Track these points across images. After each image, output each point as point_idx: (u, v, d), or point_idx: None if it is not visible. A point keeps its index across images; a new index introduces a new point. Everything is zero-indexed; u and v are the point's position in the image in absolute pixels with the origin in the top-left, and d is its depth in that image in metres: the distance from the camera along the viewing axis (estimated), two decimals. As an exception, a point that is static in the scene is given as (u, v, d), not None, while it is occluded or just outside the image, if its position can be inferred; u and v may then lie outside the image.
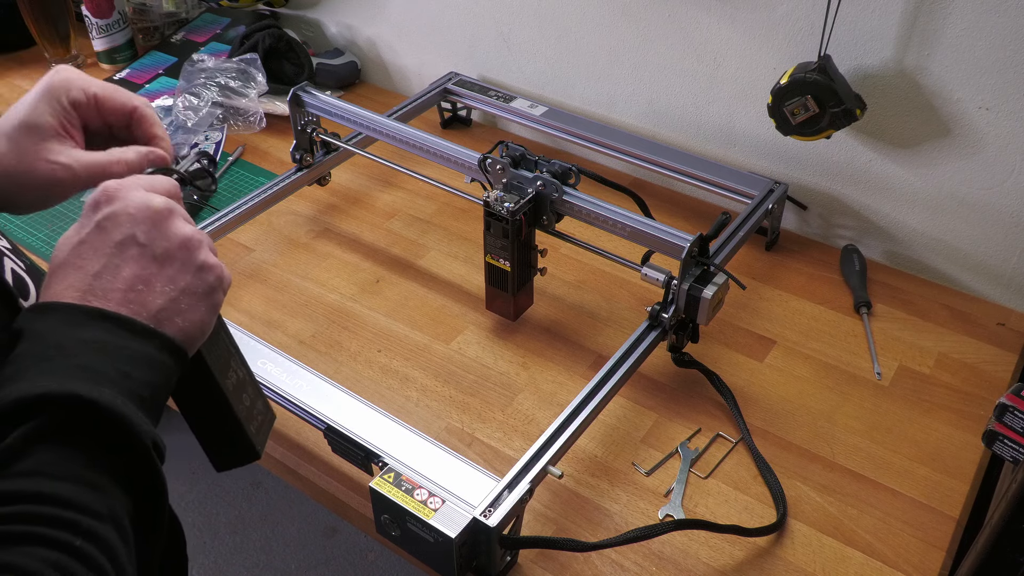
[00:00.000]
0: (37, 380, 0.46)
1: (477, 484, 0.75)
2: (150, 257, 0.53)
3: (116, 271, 0.51)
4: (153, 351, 0.51)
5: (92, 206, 0.53)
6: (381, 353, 1.01)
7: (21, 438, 0.45)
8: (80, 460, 0.46)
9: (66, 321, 0.49)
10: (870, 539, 0.81)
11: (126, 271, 0.52)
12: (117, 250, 0.52)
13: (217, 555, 1.80)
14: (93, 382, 0.47)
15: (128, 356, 0.49)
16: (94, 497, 0.45)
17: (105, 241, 0.52)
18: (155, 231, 0.53)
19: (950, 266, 1.12)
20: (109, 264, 0.51)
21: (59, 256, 0.52)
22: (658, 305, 0.93)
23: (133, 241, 0.52)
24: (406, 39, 1.48)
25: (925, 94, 1.03)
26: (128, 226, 0.52)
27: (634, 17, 1.21)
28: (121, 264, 0.52)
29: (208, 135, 1.38)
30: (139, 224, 0.53)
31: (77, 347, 0.48)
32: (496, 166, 0.97)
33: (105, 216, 0.52)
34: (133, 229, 0.52)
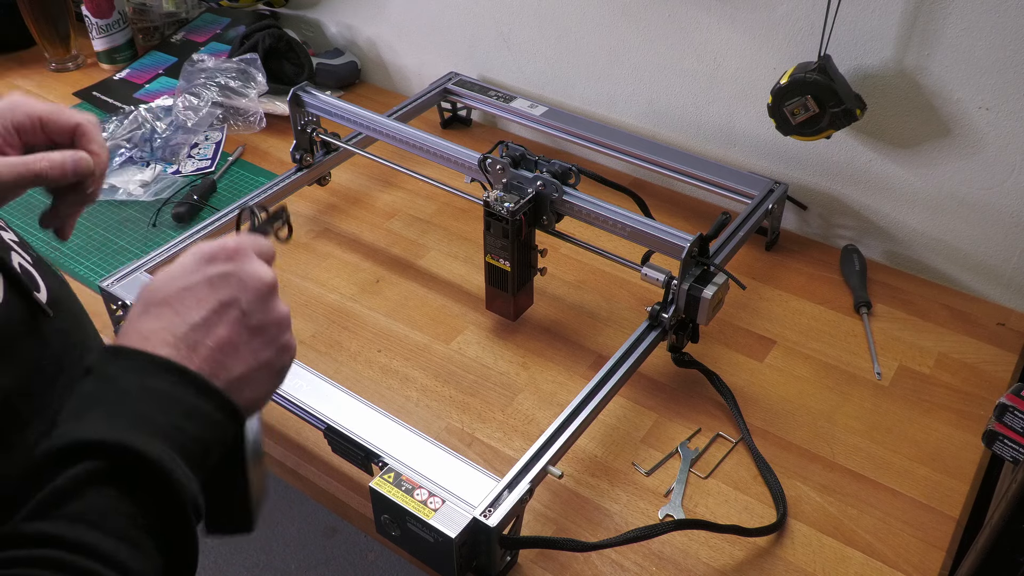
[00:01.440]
0: (96, 425, 0.46)
1: (477, 484, 0.75)
2: (245, 326, 0.54)
3: (211, 329, 0.52)
4: (216, 413, 0.51)
5: (207, 259, 0.54)
6: (381, 353, 1.01)
7: (72, 480, 0.44)
8: (126, 513, 0.45)
9: (139, 369, 0.49)
10: (870, 539, 0.81)
11: (221, 331, 0.52)
12: (219, 309, 0.53)
13: (217, 555, 1.80)
14: (149, 434, 0.47)
15: (189, 413, 0.49)
16: (131, 555, 0.44)
17: (210, 297, 0.53)
18: (258, 303, 0.54)
19: (950, 266, 1.12)
20: (208, 320, 0.52)
21: (160, 292, 0.52)
22: (658, 305, 0.93)
23: (236, 305, 0.53)
24: (406, 39, 1.48)
25: (925, 94, 1.03)
26: (236, 291, 0.54)
27: (634, 17, 1.21)
28: (218, 324, 0.52)
29: (208, 135, 1.38)
30: (247, 292, 0.54)
31: (142, 395, 0.48)
32: (496, 166, 0.97)
33: (219, 274, 0.53)
34: (240, 295, 0.54)
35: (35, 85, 1.54)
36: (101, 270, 1.12)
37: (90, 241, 1.18)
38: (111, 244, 1.17)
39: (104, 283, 0.98)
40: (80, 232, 1.19)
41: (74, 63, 1.60)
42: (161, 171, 1.30)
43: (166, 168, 1.31)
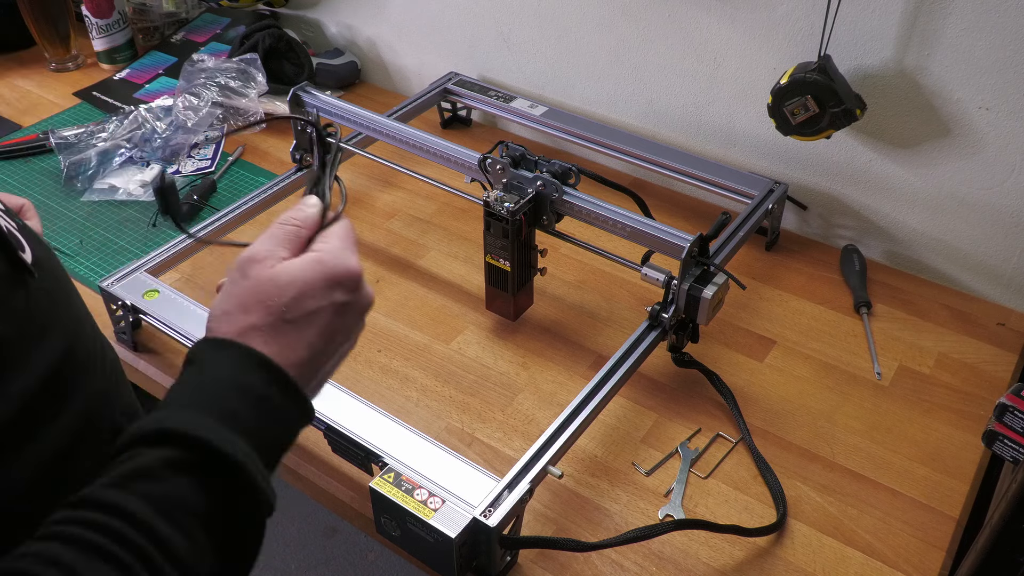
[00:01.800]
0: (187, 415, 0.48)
1: (477, 484, 0.75)
2: (350, 342, 0.58)
3: (329, 358, 0.56)
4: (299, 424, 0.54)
5: (334, 282, 0.55)
6: (381, 353, 1.01)
7: (158, 461, 0.46)
8: (194, 505, 0.46)
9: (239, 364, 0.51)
10: (870, 539, 0.81)
11: (334, 362, 0.57)
12: (338, 339, 0.56)
13: (217, 555, 1.80)
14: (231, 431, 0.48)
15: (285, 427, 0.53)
16: (184, 544, 0.45)
17: (331, 326, 0.55)
18: (359, 324, 0.59)
19: (950, 266, 1.12)
20: (327, 352, 0.55)
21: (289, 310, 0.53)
22: (658, 305, 0.93)
23: (348, 334, 0.57)
24: (406, 39, 1.48)
25: (925, 94, 1.03)
26: (352, 322, 0.57)
27: (634, 17, 1.21)
28: (334, 354, 0.57)
29: (208, 135, 1.38)
30: (360, 320, 0.58)
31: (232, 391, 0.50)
32: (496, 166, 0.97)
33: (344, 303, 0.55)
34: (354, 326, 0.58)
35: (35, 85, 1.54)
36: (101, 270, 1.12)
37: (90, 241, 1.18)
38: (111, 244, 1.17)
39: (104, 283, 0.98)
40: (80, 232, 1.19)
41: (74, 63, 1.60)
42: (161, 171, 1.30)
43: (166, 168, 1.31)
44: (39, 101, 1.50)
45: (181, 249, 1.05)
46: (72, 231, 1.19)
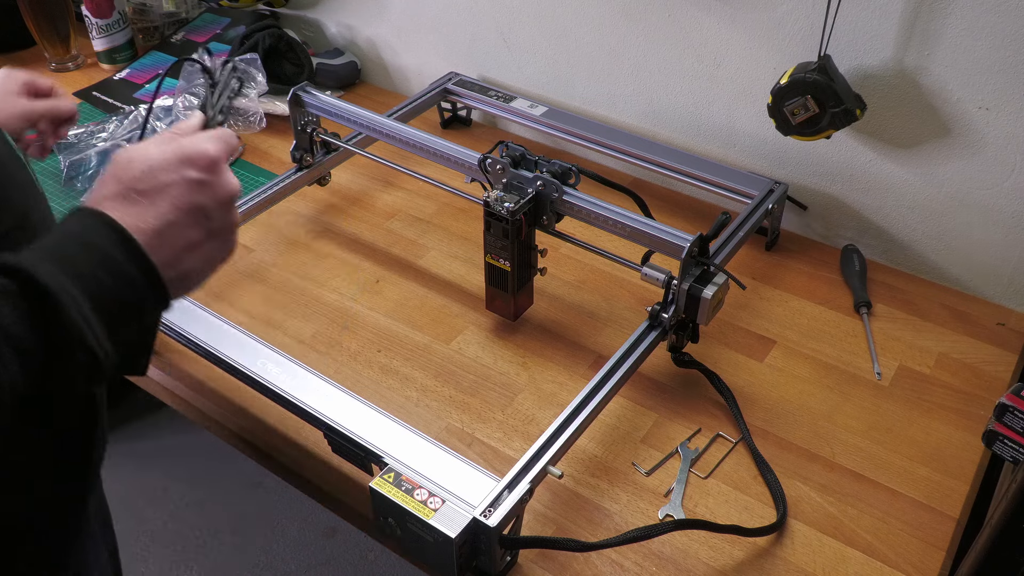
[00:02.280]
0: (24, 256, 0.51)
1: (477, 484, 0.75)
2: (208, 230, 0.60)
3: (182, 230, 0.58)
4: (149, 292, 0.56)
5: (187, 160, 0.59)
6: (381, 353, 1.01)
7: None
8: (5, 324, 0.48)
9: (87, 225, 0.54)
10: (870, 539, 0.81)
11: (190, 234, 0.58)
12: (192, 213, 0.58)
13: (217, 555, 1.80)
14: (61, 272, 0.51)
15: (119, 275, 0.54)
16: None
17: (185, 200, 0.58)
18: (223, 211, 0.61)
19: (950, 266, 1.12)
20: (180, 222, 0.58)
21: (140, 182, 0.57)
22: (658, 305, 0.93)
23: (205, 212, 0.59)
24: (406, 39, 1.48)
25: (925, 94, 1.03)
26: (209, 199, 0.59)
27: (634, 17, 1.21)
28: (189, 227, 0.58)
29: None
30: (217, 201, 0.60)
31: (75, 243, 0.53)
32: (496, 166, 0.97)
33: (197, 180, 0.59)
34: (211, 204, 0.60)
35: (35, 85, 1.54)
36: (101, 270, 1.12)
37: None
38: (111, 244, 1.17)
39: (104, 283, 0.98)
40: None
41: (74, 63, 1.60)
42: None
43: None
44: (39, 101, 1.50)
45: (181, 249, 1.05)
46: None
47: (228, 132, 0.64)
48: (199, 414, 0.96)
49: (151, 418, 2.07)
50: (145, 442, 2.03)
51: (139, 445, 2.02)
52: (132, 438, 2.03)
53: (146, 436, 2.04)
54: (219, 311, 0.96)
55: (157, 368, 0.99)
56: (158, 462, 1.98)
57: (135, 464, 1.97)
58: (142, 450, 2.01)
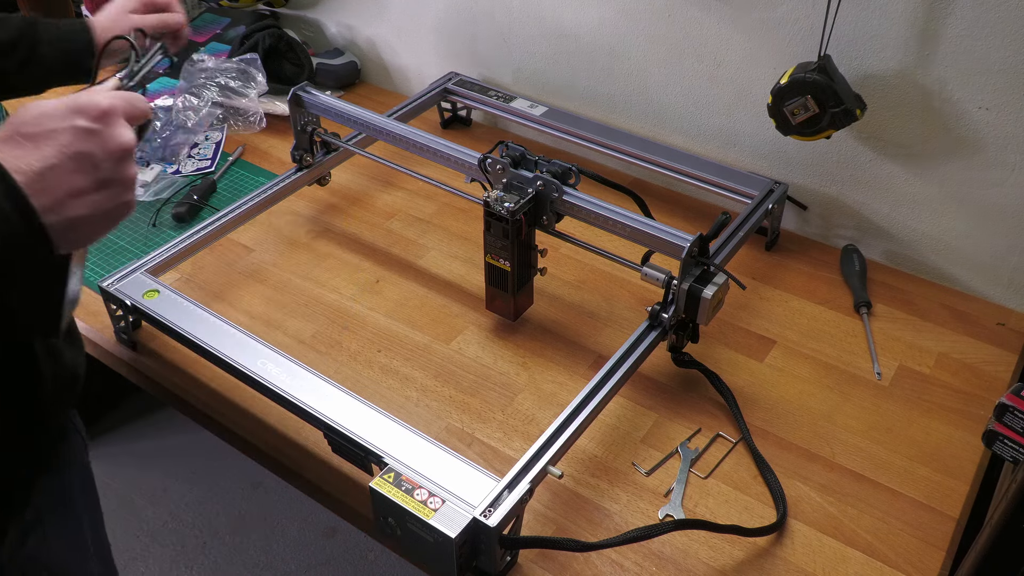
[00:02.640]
0: None
1: (477, 484, 0.75)
2: (96, 178, 0.59)
3: (65, 175, 0.58)
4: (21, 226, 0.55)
5: (77, 110, 0.59)
6: (381, 353, 1.01)
7: None
8: None
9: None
10: (870, 539, 0.81)
11: (74, 180, 0.58)
12: (77, 159, 0.58)
13: (217, 555, 1.80)
14: None
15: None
16: None
17: (71, 146, 0.58)
18: (112, 162, 0.60)
19: (950, 266, 1.12)
20: (63, 166, 0.58)
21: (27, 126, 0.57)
22: (658, 305, 0.93)
23: (91, 160, 0.59)
24: (406, 39, 1.48)
25: (925, 94, 1.03)
26: (96, 148, 0.59)
27: (634, 17, 1.21)
28: (74, 172, 0.58)
29: (208, 135, 1.38)
30: (105, 151, 0.59)
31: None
32: (496, 166, 0.97)
33: (84, 128, 0.59)
34: (98, 152, 0.59)
35: (35, 85, 1.54)
36: (101, 270, 1.12)
37: (90, 241, 1.18)
38: (111, 244, 1.17)
39: (104, 283, 0.98)
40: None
41: (74, 63, 1.59)
42: (161, 171, 1.30)
43: (166, 168, 1.31)
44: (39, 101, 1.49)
45: (181, 249, 1.05)
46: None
47: (135, 95, 0.64)
48: (199, 414, 0.96)
49: (151, 418, 2.07)
50: (145, 442, 2.03)
51: (139, 445, 2.02)
52: (132, 438, 2.03)
53: (146, 436, 2.04)
54: (219, 311, 0.96)
55: (157, 368, 0.99)
56: (158, 462, 1.98)
57: (135, 464, 1.97)
58: (142, 450, 2.01)
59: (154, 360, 1.00)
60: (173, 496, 1.91)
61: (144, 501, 1.89)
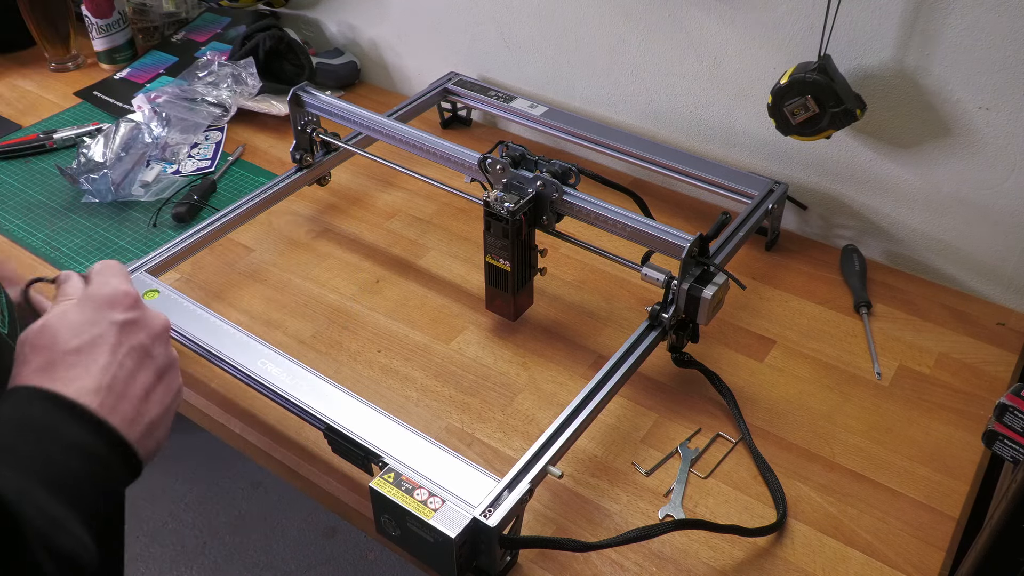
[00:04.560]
0: None
1: (477, 484, 0.75)
2: (155, 369, 0.55)
3: (133, 376, 0.53)
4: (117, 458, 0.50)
5: (108, 304, 0.54)
6: (381, 353, 1.01)
7: None
8: None
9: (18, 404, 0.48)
10: (870, 539, 0.81)
11: (141, 378, 0.53)
12: (135, 355, 0.54)
13: (217, 555, 1.80)
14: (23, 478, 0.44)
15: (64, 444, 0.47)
16: None
17: (124, 343, 0.53)
18: (162, 346, 0.56)
19: (950, 266, 1.12)
20: (126, 366, 0.53)
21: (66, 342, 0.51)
22: (658, 305, 0.93)
23: (147, 351, 0.54)
24: (406, 39, 1.48)
25: (925, 94, 1.03)
26: (145, 336, 0.55)
27: (634, 17, 1.21)
28: (138, 371, 0.53)
29: (208, 135, 1.38)
30: (153, 336, 0.56)
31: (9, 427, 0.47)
32: (496, 166, 0.97)
33: (126, 320, 0.54)
34: (148, 340, 0.55)
35: (35, 85, 1.54)
36: (101, 270, 1.12)
37: (90, 241, 1.18)
38: (111, 244, 1.17)
39: (104, 283, 0.98)
40: (80, 232, 1.19)
41: (74, 63, 1.60)
42: (161, 171, 1.30)
43: (166, 168, 1.31)
44: (39, 101, 1.50)
45: (181, 249, 1.05)
46: (72, 231, 1.19)
47: (115, 263, 0.59)
48: (199, 414, 0.96)
49: (151, 418, 2.07)
50: (145, 442, 2.03)
51: (139, 445, 2.02)
52: (132, 438, 2.03)
53: (146, 436, 2.04)
54: (219, 311, 0.96)
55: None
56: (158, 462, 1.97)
57: (135, 464, 1.97)
58: (142, 450, 2.01)
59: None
60: (173, 496, 1.91)
61: (144, 501, 1.89)
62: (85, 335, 0.52)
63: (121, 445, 0.50)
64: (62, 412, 0.48)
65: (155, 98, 1.37)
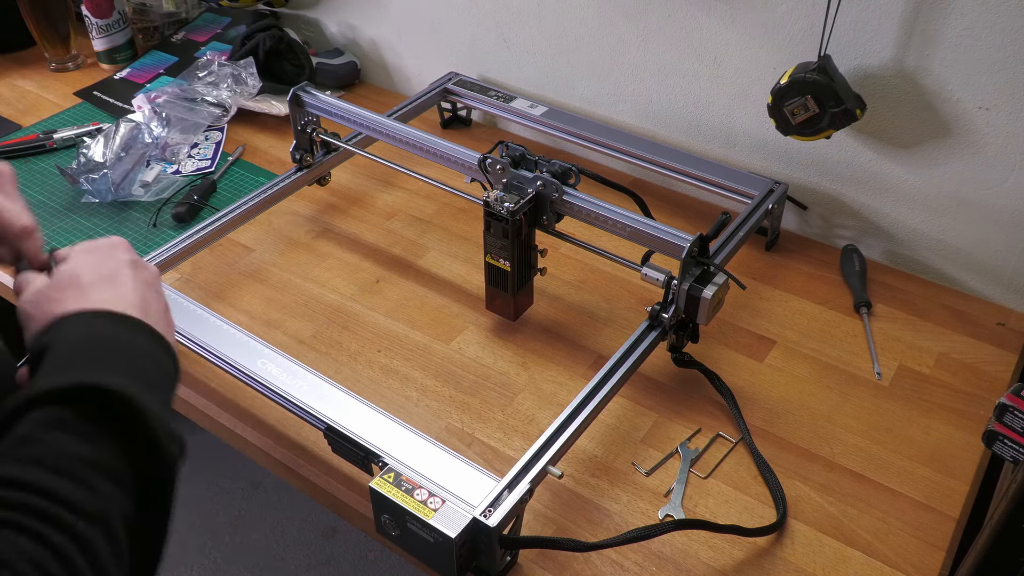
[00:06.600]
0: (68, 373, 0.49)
1: (477, 484, 0.75)
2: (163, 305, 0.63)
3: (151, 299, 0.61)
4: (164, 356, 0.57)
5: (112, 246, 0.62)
6: (381, 353, 1.01)
7: (35, 423, 0.47)
8: (86, 456, 0.47)
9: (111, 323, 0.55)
10: (870, 539, 0.81)
11: (157, 302, 0.62)
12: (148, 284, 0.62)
13: (217, 555, 1.80)
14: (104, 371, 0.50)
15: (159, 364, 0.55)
16: (87, 496, 0.45)
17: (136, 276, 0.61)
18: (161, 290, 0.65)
19: (950, 266, 1.12)
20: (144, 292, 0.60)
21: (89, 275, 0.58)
22: (658, 305, 0.93)
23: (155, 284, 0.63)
24: (406, 39, 1.48)
25: (925, 94, 1.03)
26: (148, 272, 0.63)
27: (634, 17, 1.21)
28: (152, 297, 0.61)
29: (208, 135, 1.38)
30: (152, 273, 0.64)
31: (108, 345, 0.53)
32: (496, 166, 0.97)
33: (130, 260, 0.62)
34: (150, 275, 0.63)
35: (35, 85, 1.54)
36: (101, 270, 1.12)
37: (90, 241, 1.18)
38: (111, 244, 1.17)
39: (104, 283, 0.98)
40: (80, 232, 1.19)
41: (74, 63, 1.60)
42: (161, 171, 1.30)
43: (166, 168, 1.31)
44: (39, 101, 1.50)
45: (181, 249, 1.05)
46: (72, 231, 1.19)
47: None
48: (199, 414, 0.96)
49: (151, 418, 2.07)
50: (145, 442, 2.03)
51: (139, 445, 2.02)
52: (132, 438, 2.03)
53: (146, 436, 2.04)
54: (219, 311, 0.96)
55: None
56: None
57: (135, 464, 1.97)
58: (142, 450, 2.01)
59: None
60: (173, 496, 1.91)
61: (144, 501, 1.89)
62: (104, 269, 0.59)
63: (169, 352, 0.57)
64: (122, 325, 0.55)
65: (155, 98, 1.37)
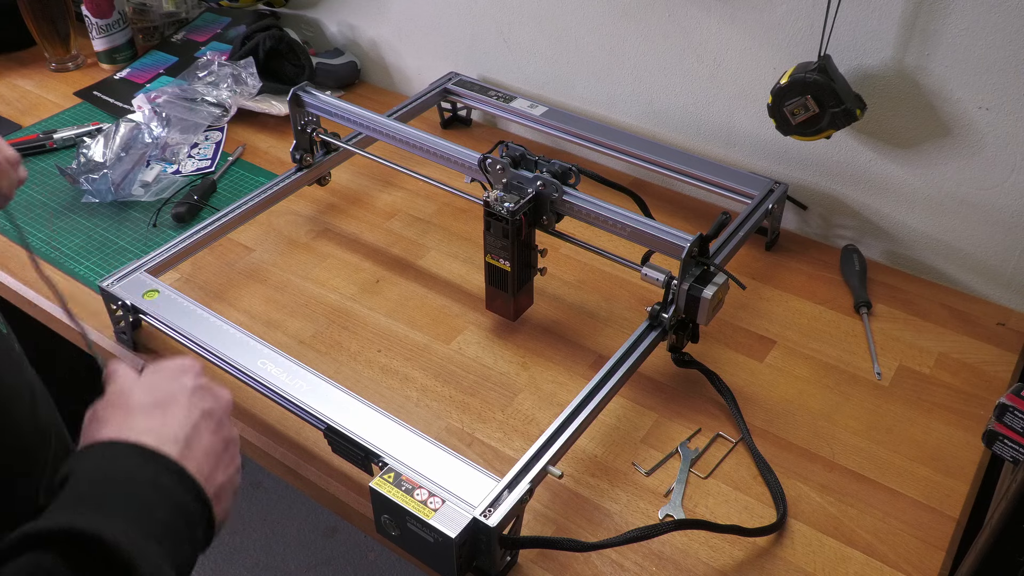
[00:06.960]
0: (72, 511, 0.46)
1: (477, 484, 0.75)
2: (221, 437, 0.57)
3: (200, 434, 0.55)
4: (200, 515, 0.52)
5: (180, 371, 0.58)
6: (381, 353, 1.01)
7: (19, 570, 0.44)
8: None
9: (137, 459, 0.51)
10: (870, 539, 0.81)
11: (206, 438, 0.56)
12: (205, 417, 0.57)
13: (217, 555, 1.80)
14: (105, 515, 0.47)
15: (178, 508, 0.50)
16: None
17: (195, 406, 0.56)
18: (227, 418, 0.59)
19: (950, 266, 1.12)
20: (197, 425, 0.55)
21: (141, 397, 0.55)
22: (658, 305, 0.93)
23: (214, 416, 0.57)
24: (406, 39, 1.48)
25: (925, 94, 1.03)
26: (213, 403, 0.58)
27: (634, 17, 1.21)
28: (204, 431, 0.56)
29: (208, 135, 1.38)
30: (220, 406, 0.59)
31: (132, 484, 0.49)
32: (496, 166, 0.97)
33: (197, 386, 0.58)
34: (215, 407, 0.58)
35: (35, 85, 1.54)
36: (101, 270, 1.12)
37: (90, 241, 1.18)
38: (111, 244, 1.17)
39: (104, 283, 0.98)
40: (80, 232, 1.19)
41: (74, 63, 1.60)
42: (161, 171, 1.30)
43: (166, 168, 1.31)
44: (39, 101, 1.50)
45: (181, 249, 1.05)
46: (72, 231, 1.19)
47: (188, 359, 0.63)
48: (199, 414, 0.96)
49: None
50: (145, 442, 2.03)
51: (139, 445, 2.02)
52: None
53: (146, 436, 2.04)
54: (219, 311, 0.96)
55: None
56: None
57: (135, 464, 1.97)
58: (142, 450, 2.01)
59: (154, 360, 1.00)
60: (173, 496, 1.91)
61: (144, 501, 1.89)
62: (159, 393, 0.56)
63: (200, 497, 0.52)
64: (148, 464, 0.51)
65: (155, 98, 1.37)
